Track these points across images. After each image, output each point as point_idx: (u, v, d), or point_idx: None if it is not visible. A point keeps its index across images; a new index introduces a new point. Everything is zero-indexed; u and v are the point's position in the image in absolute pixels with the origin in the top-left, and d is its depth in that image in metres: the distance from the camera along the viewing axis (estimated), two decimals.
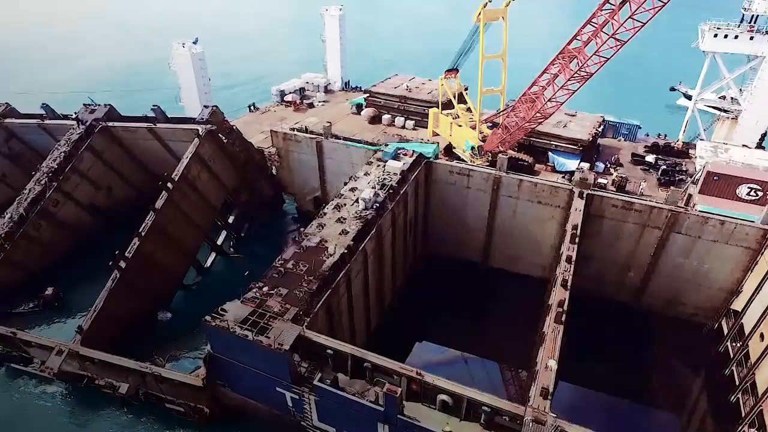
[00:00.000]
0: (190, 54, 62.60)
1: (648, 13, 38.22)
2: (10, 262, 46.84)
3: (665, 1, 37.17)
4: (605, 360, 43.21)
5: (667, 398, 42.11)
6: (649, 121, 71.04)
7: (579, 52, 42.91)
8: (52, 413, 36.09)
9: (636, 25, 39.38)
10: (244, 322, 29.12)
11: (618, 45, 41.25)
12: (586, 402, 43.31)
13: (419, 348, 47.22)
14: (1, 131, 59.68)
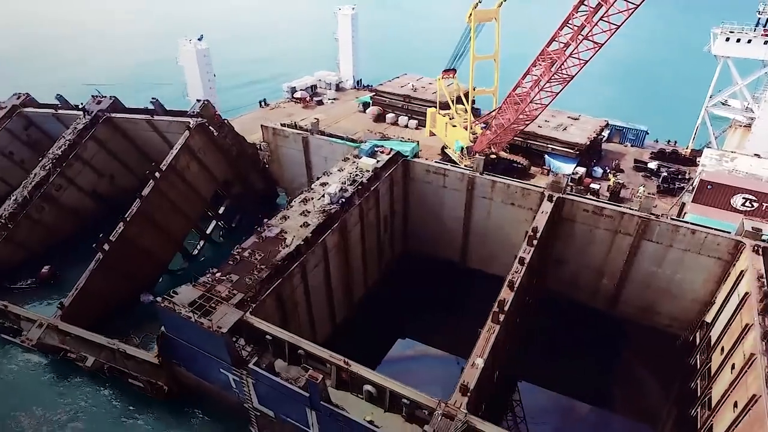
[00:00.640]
0: (195, 50, 65.24)
1: (622, 16, 37.83)
2: (13, 241, 50.47)
3: (637, 3, 36.68)
4: (577, 364, 42.88)
5: (633, 408, 41.35)
6: (676, 129, 68.95)
7: (557, 54, 42.65)
8: (30, 381, 38.87)
9: (611, 27, 38.92)
10: (192, 305, 30.63)
11: (595, 47, 40.83)
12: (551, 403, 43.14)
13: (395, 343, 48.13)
14: (21, 119, 64.08)
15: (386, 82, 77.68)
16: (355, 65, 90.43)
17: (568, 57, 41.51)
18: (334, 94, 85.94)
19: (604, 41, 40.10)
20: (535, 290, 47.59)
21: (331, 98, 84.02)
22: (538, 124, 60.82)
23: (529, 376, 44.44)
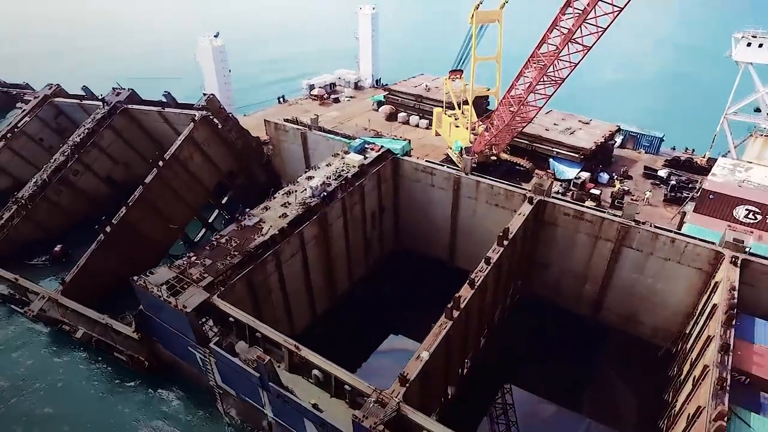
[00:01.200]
0: (211, 47, 68.12)
1: (608, 18, 37.48)
2: (31, 220, 54.45)
3: (621, 6, 36.24)
4: (559, 369, 42.62)
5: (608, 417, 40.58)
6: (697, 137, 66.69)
7: (546, 56, 42.52)
8: (30, 348, 42.16)
9: (598, 30, 38.58)
10: (165, 284, 32.68)
11: (584, 50, 40.54)
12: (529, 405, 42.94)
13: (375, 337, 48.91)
14: (52, 108, 68.85)
15: (401, 81, 78.68)
16: (375, 64, 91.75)
17: (557, 59, 41.37)
18: (352, 92, 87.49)
19: (592, 44, 39.81)
20: (520, 292, 47.70)
21: (348, 96, 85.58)
22: (545, 128, 60.43)
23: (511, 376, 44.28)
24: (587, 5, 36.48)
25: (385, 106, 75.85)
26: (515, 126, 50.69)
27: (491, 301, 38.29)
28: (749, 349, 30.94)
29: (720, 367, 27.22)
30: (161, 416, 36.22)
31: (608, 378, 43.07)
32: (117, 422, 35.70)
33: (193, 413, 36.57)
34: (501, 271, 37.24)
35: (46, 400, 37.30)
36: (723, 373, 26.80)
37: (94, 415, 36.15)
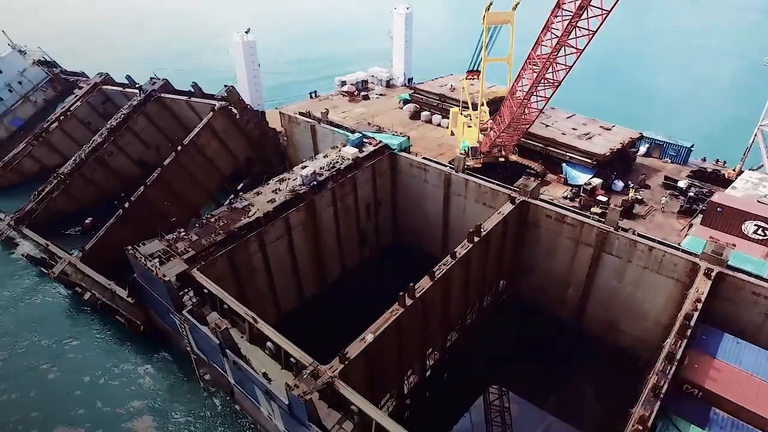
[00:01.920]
0: (242, 42, 72.08)
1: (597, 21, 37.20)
2: (68, 194, 60.46)
3: (608, 9, 35.87)
4: (540, 371, 42.73)
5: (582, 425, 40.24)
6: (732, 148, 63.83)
7: (540, 58, 42.53)
8: (46, 305, 47.57)
9: (589, 33, 38.34)
10: (152, 255, 36.02)
11: (577, 52, 40.32)
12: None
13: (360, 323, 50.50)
14: (100, 95, 75.59)
15: (429, 81, 79.68)
16: (407, 63, 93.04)
17: (553, 62, 41.40)
18: (383, 89, 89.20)
19: (584, 46, 39.50)
20: (506, 294, 47.86)
21: (378, 94, 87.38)
22: (562, 131, 59.67)
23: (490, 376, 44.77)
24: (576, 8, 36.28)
25: (409, 104, 76.97)
26: (517, 127, 50.65)
27: (462, 298, 38.95)
28: (709, 364, 30.10)
29: (659, 375, 26.84)
30: (147, 376, 39.89)
31: (584, 386, 42.59)
32: (108, 376, 39.80)
33: (176, 376, 40.00)
34: (471, 268, 37.83)
35: (51, 351, 42.14)
36: (661, 381, 26.45)
37: (88, 367, 40.58)
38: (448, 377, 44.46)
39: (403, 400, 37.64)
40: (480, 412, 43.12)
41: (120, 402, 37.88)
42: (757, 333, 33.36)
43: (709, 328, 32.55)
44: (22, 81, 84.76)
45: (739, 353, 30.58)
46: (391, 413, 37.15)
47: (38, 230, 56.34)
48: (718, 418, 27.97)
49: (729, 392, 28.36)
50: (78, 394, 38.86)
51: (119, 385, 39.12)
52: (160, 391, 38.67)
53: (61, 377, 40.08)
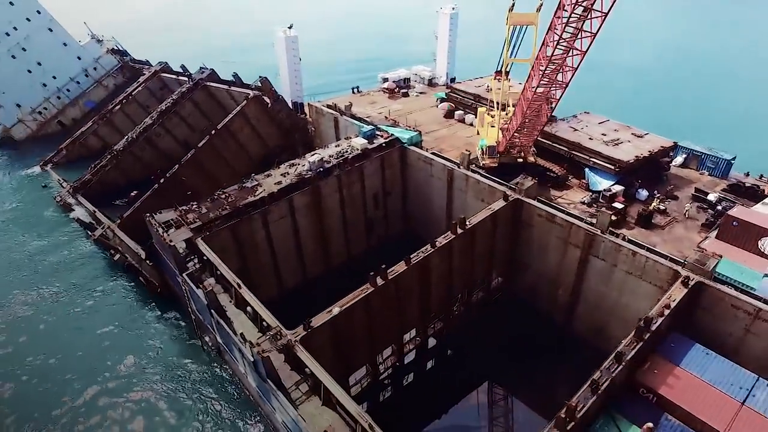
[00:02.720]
0: (285, 37, 76.42)
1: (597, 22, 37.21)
2: (119, 168, 67.44)
3: (605, 11, 35.84)
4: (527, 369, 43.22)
5: None
6: None
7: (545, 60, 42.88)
8: (84, 261, 54.50)
9: (586, 35, 38.40)
10: (165, 223, 40.45)
11: (580, 53, 40.40)
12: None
13: None
14: (158, 82, 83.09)
15: (467, 80, 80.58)
16: (450, 62, 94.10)
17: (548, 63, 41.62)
18: (423, 88, 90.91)
19: (587, 48, 39.49)
20: (501, 291, 48.42)
21: (418, 92, 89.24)
22: (589, 136, 58.89)
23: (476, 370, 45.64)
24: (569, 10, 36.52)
25: (444, 103, 78.23)
26: (531, 127, 50.89)
27: (444, 287, 40.23)
28: (669, 371, 29.84)
29: (603, 372, 27.17)
30: (156, 330, 44.80)
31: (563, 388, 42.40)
32: (122, 325, 45.32)
33: (179, 334, 44.54)
34: (453, 258, 39.08)
35: (81, 297, 48.87)
36: (604, 377, 26.80)
37: (109, 315, 46.52)
38: (436, 367, 45.86)
39: (379, 379, 39.60)
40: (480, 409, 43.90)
41: (128, 348, 43.24)
42: (739, 347, 32.29)
43: (681, 336, 32.02)
44: (96, 67, 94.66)
45: (705, 364, 29.96)
46: (365, 391, 39.45)
47: (90, 198, 63.43)
48: (667, 424, 27.83)
49: (683, 400, 28.08)
50: (97, 334, 45.10)
51: (130, 334, 44.46)
52: (163, 345, 43.40)
53: (85, 320, 46.28)
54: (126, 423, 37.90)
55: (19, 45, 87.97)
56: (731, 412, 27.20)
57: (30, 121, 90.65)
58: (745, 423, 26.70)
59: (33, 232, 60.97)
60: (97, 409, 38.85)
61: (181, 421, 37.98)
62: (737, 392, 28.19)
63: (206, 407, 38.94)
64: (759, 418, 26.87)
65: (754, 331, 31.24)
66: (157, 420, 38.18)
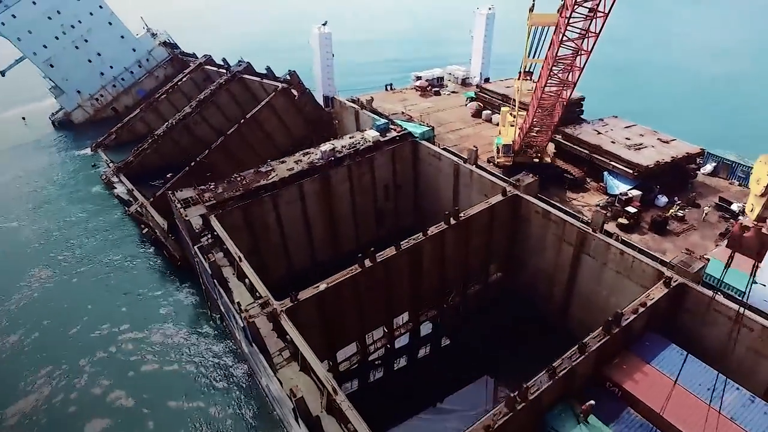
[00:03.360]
0: (319, 33, 79.67)
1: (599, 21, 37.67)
2: (158, 152, 72.80)
3: (605, 11, 36.24)
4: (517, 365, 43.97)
5: None
6: None
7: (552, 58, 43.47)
8: (117, 233, 59.99)
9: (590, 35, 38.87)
10: (184, 200, 44.16)
11: (585, 53, 40.86)
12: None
13: None
14: (202, 73, 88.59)
15: (496, 81, 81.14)
16: (485, 63, 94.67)
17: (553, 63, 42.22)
18: (456, 87, 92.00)
19: (591, 48, 39.89)
20: (501, 285, 49.24)
21: (450, 91, 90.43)
22: (612, 140, 58.48)
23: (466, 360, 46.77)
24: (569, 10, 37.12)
25: (472, 102, 79.04)
26: (542, 126, 51.34)
27: (436, 276, 41.65)
28: (638, 368, 30.25)
29: (564, 360, 28.03)
30: (173, 299, 49.12)
31: None
32: (143, 293, 49.85)
33: (194, 303, 48.38)
34: (446, 248, 40.49)
35: (112, 264, 54.50)
36: (561, 364, 27.68)
37: (133, 280, 51.19)
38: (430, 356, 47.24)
39: (368, 360, 41.61)
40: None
41: (144, 310, 48.19)
42: (721, 352, 31.84)
43: (657, 336, 32.20)
44: (149, 59, 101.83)
45: (677, 364, 29.82)
46: (355, 369, 41.61)
47: (131, 178, 69.03)
48: (629, 417, 28.34)
49: (647, 396, 28.47)
50: (121, 294, 50.73)
51: (148, 298, 49.39)
52: (176, 311, 47.88)
53: (111, 282, 52.22)
54: (131, 369, 42.91)
55: (83, 37, 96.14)
56: (696, 413, 27.35)
57: (88, 106, 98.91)
58: (709, 424, 26.77)
59: (79, 206, 67.36)
60: (108, 356, 44.37)
61: (181, 376, 42.18)
62: (705, 394, 28.19)
63: (205, 368, 42.93)
64: (724, 421, 26.88)
65: (734, 336, 30.83)
66: (161, 372, 42.77)
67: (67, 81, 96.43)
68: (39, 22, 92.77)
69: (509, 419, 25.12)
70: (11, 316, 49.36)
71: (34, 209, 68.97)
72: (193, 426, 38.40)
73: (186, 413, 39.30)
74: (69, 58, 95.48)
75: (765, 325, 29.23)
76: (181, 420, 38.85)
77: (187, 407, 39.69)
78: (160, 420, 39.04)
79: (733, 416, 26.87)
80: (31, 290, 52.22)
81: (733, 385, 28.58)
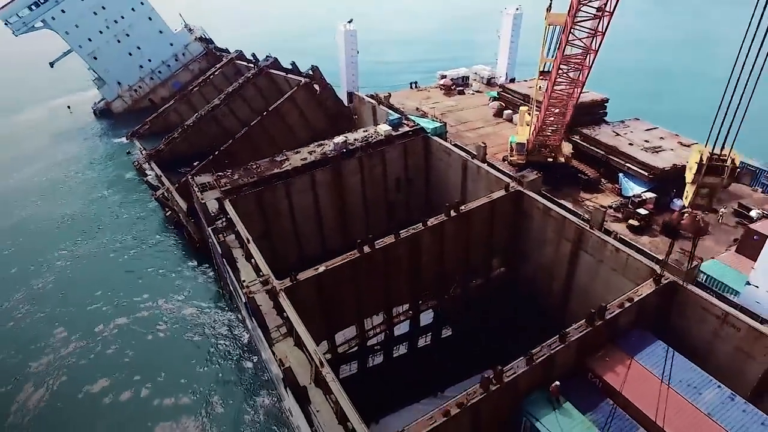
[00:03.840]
0: (344, 30, 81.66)
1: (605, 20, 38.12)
2: (188, 141, 76.47)
3: (610, 10, 36.65)
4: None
5: None
6: None
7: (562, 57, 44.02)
8: (148, 213, 63.45)
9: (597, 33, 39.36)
10: (202, 184, 46.93)
11: (593, 52, 41.33)
12: None
13: None
14: (233, 67, 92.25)
15: (522, 81, 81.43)
16: (511, 63, 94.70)
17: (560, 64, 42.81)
18: (480, 86, 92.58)
19: (598, 46, 40.30)
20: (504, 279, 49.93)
21: (475, 90, 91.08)
22: (630, 142, 58.28)
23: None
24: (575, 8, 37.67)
25: (494, 102, 79.64)
26: (553, 125, 51.75)
27: (435, 266, 42.84)
28: (621, 361, 30.70)
29: (544, 347, 28.87)
30: (189, 278, 52.34)
31: None
32: (161, 271, 53.43)
33: (209, 282, 51.32)
34: (446, 240, 41.65)
35: (135, 241, 58.37)
36: (540, 351, 28.55)
37: (152, 261, 54.63)
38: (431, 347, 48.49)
39: (366, 344, 43.22)
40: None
41: (162, 287, 52.01)
42: (710, 352, 32.09)
43: (645, 333, 32.52)
44: (185, 53, 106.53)
45: (660, 360, 30.24)
46: (353, 353, 43.32)
47: (161, 165, 72.76)
48: (606, 408, 28.85)
49: (626, 388, 28.91)
50: (142, 270, 54.88)
51: (166, 277, 52.92)
52: (191, 289, 51.24)
53: (134, 259, 56.59)
54: (145, 334, 47.06)
55: (124, 31, 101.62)
56: (673, 407, 27.68)
57: (127, 97, 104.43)
58: (685, 420, 27.17)
59: (112, 189, 71.95)
60: (125, 322, 48.99)
61: (190, 345, 45.86)
62: (685, 390, 28.52)
63: (213, 339, 46.59)
64: (701, 417, 27.19)
65: (721, 335, 30.98)
66: (172, 339, 46.56)
67: (108, 72, 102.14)
68: (85, 17, 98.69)
69: (483, 399, 26.22)
70: (45, 280, 55.02)
71: (72, 190, 74.26)
72: (198, 389, 41.60)
73: (192, 377, 42.94)
74: (111, 51, 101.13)
75: (751, 325, 29.16)
76: (187, 382, 42.38)
77: (193, 372, 43.51)
78: (168, 379, 42.80)
79: (711, 412, 27.04)
80: (63, 261, 57.77)
81: (714, 382, 28.75)
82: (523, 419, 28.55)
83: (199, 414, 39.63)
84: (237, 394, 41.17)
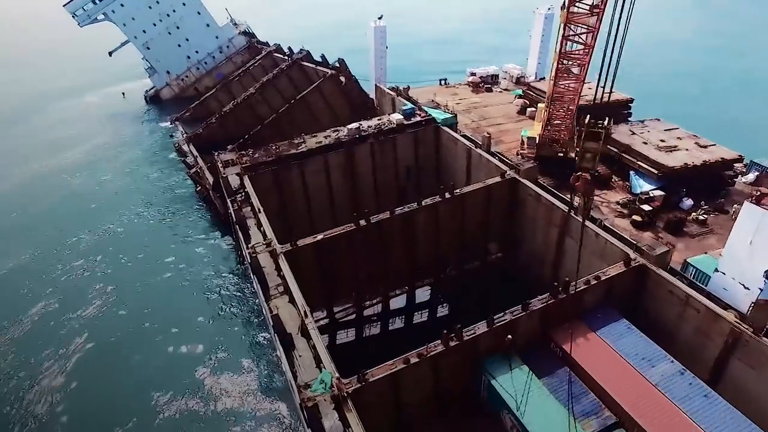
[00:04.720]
0: (374, 26, 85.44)
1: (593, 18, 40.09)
2: (223, 126, 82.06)
3: (602, 7, 38.52)
4: None
5: None
6: None
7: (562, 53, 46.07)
8: (182, 189, 69.78)
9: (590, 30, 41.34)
10: (225, 161, 51.87)
11: (588, 48, 43.25)
12: None
13: None
14: (271, 59, 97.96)
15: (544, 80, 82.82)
16: (541, 62, 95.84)
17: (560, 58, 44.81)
18: (509, 85, 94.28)
19: (592, 42, 42.17)
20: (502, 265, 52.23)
21: (502, 88, 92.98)
22: (644, 141, 59.22)
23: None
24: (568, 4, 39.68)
25: (518, 99, 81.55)
26: (558, 120, 53.58)
27: (430, 245, 45.79)
28: (583, 334, 32.75)
29: (507, 314, 31.51)
30: (211, 247, 58.22)
31: None
32: (187, 240, 59.01)
33: (230, 251, 56.62)
34: (440, 220, 44.52)
35: (167, 213, 64.87)
36: (502, 318, 31.20)
37: (183, 229, 60.29)
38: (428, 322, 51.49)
39: (363, 315, 46.73)
40: None
41: (186, 254, 57.87)
42: (675, 333, 33.64)
43: (611, 310, 34.36)
44: (229, 46, 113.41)
45: (620, 335, 32.33)
46: (348, 322, 46.95)
47: (198, 147, 78.79)
48: (563, 375, 31.15)
49: (584, 359, 31.12)
50: (174, 237, 61.91)
51: (191, 245, 58.13)
52: (212, 256, 57.03)
53: (166, 228, 62.37)
54: (166, 290, 54.29)
55: (175, 24, 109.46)
56: (624, 377, 29.77)
57: (174, 85, 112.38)
58: (632, 388, 29.16)
59: (154, 167, 79.20)
60: (151, 281, 56.02)
61: (206, 302, 52.26)
62: (639, 362, 30.37)
63: (226, 298, 52.20)
64: (648, 387, 29.06)
65: (684, 316, 32.49)
66: (191, 300, 53.06)
67: (159, 62, 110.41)
68: (141, 10, 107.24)
69: (442, 353, 29.23)
70: (90, 239, 63.82)
71: (120, 167, 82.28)
72: (208, 340, 48.40)
73: (205, 329, 49.48)
74: (162, 42, 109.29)
75: (708, 306, 30.64)
76: (202, 333, 48.82)
77: (207, 325, 50.32)
78: (182, 329, 49.38)
79: (658, 383, 28.86)
80: (104, 227, 65.92)
81: (668, 358, 30.46)
82: (483, 377, 31.27)
83: (208, 360, 45.45)
84: (242, 346, 46.42)
